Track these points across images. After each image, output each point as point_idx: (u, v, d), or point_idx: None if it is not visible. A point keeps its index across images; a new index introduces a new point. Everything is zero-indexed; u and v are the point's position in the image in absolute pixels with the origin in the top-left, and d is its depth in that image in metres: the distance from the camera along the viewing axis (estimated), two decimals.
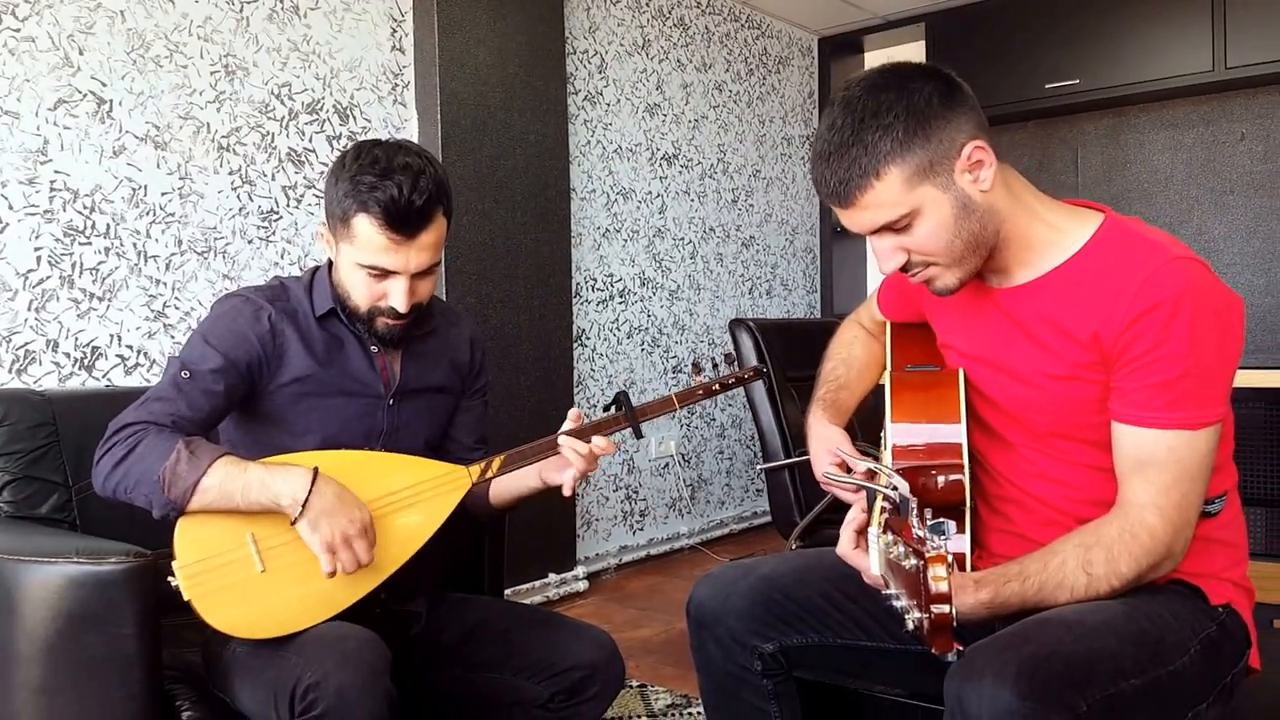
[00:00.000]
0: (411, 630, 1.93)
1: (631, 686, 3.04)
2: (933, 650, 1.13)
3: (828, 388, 1.93)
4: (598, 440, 1.86)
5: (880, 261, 1.54)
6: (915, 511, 1.20)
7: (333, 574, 1.67)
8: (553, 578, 4.04)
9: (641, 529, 4.70)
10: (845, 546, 1.53)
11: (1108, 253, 1.50)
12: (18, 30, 2.68)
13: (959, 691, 1.28)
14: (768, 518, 5.23)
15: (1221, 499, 1.56)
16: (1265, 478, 3.17)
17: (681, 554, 4.85)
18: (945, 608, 1.10)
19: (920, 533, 1.16)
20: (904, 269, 1.54)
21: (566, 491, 1.87)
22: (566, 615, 2.02)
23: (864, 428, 2.00)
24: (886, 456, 1.64)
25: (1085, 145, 5.17)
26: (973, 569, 1.54)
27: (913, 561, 1.15)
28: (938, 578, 1.10)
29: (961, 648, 1.15)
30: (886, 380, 1.72)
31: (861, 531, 1.52)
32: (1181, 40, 4.56)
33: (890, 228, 1.49)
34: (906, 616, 1.17)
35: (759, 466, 4.19)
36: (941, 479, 1.57)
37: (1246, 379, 3.04)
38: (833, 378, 1.95)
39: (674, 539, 4.86)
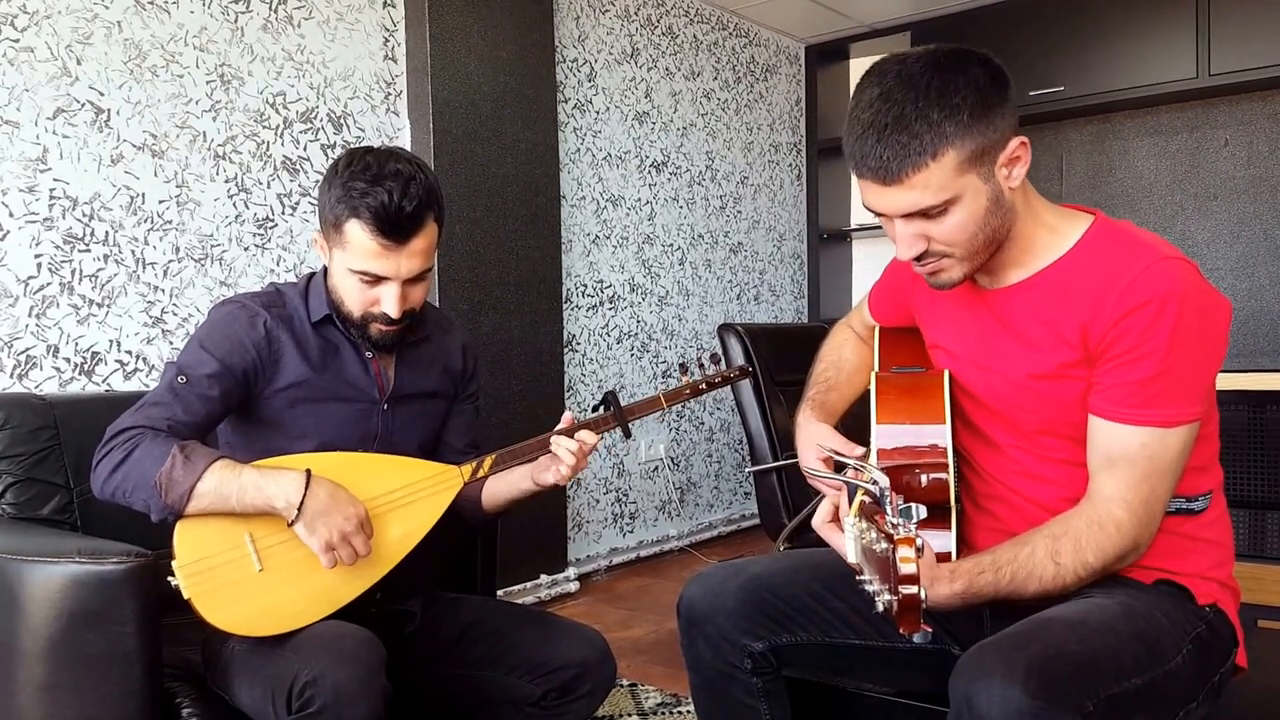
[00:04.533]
0: (406, 629, 1.95)
1: (622, 685, 3.06)
2: (901, 630, 1.13)
3: (817, 389, 1.93)
4: (585, 434, 1.88)
5: (900, 247, 1.51)
6: (890, 499, 1.21)
7: (333, 567, 1.70)
8: (544, 579, 4.07)
9: (631, 531, 4.73)
10: (820, 520, 1.54)
11: (1098, 252, 1.51)
12: (17, 41, 2.71)
13: (967, 690, 1.29)
14: (756, 520, 5.26)
15: (1206, 497, 1.56)
16: (1247, 480, 3.19)
17: (671, 556, 4.88)
18: (913, 589, 1.11)
19: (893, 519, 1.17)
20: (917, 258, 1.52)
21: (559, 481, 1.88)
22: (558, 615, 2.04)
23: (851, 434, 2.02)
24: (872, 457, 1.63)
25: (1070, 152, 5.19)
26: None
27: (883, 545, 1.15)
28: (905, 559, 1.11)
29: (930, 629, 1.14)
30: (872, 381, 1.72)
31: (839, 521, 1.53)
32: (1165, 47, 4.58)
33: (923, 213, 1.46)
34: (877, 599, 1.18)
35: (748, 469, 4.22)
36: (925, 478, 1.58)
37: (1230, 382, 3.06)
38: (822, 379, 1.96)
39: (663, 541, 4.89)
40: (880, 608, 1.16)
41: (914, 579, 1.11)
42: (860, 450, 1.65)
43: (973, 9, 5.17)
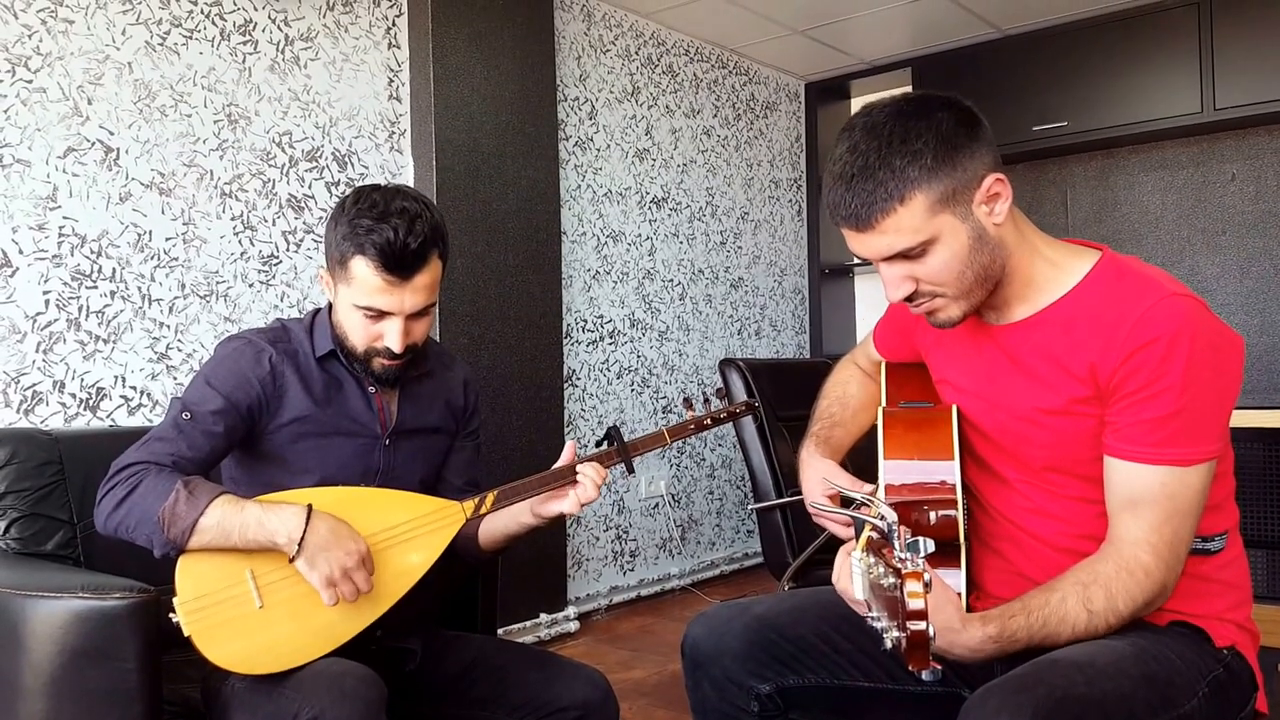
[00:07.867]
0: (407, 667, 1.94)
1: None
2: (909, 667, 1.10)
3: (822, 424, 1.92)
4: (594, 470, 1.88)
5: (888, 289, 1.53)
6: (898, 533, 1.19)
7: (335, 604, 1.70)
8: (544, 618, 4.03)
9: (632, 569, 4.70)
10: (840, 576, 1.48)
11: (1105, 288, 1.51)
12: (30, 81, 2.74)
13: None
14: (759, 559, 5.22)
15: (1222, 537, 1.54)
16: (1266, 519, 3.12)
17: (672, 595, 4.85)
18: (921, 624, 1.08)
19: (900, 553, 1.15)
20: (909, 299, 1.53)
21: (572, 510, 1.87)
22: (561, 654, 2.02)
23: (857, 471, 2.00)
24: (880, 493, 1.61)
25: (1074, 187, 5.15)
26: (969, 610, 1.50)
27: (891, 580, 1.13)
28: (913, 594, 1.08)
29: (939, 666, 1.12)
30: (880, 416, 1.70)
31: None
32: (1170, 82, 4.52)
33: (904, 255, 1.48)
34: (885, 636, 1.15)
35: (751, 506, 4.20)
36: (934, 515, 1.56)
37: (1244, 419, 3.01)
38: (827, 415, 1.94)
39: (664, 579, 4.86)
40: (888, 644, 1.14)
41: (922, 614, 1.08)
42: (869, 487, 1.63)
43: (973, 45, 5.16)
